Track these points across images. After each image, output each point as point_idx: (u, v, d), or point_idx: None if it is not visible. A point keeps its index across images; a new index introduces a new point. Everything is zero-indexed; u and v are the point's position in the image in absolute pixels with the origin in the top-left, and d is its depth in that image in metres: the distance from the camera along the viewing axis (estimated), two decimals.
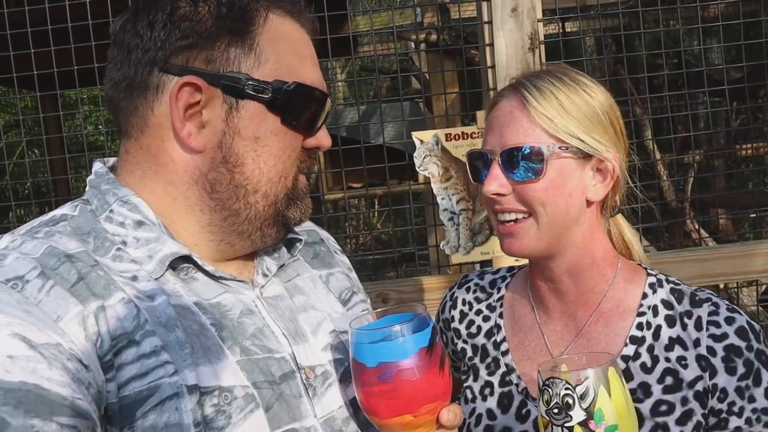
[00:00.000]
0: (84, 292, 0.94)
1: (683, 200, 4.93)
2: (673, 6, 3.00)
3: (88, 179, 1.11)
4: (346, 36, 3.34)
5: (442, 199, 2.37)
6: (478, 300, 1.54)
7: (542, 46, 2.36)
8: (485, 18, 2.35)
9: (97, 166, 1.12)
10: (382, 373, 1.02)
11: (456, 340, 1.53)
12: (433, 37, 4.35)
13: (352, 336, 1.06)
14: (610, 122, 1.34)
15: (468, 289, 1.57)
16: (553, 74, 1.34)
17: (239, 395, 0.98)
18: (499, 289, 1.53)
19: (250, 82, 1.03)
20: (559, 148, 1.28)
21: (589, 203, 1.34)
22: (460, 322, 1.54)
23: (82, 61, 2.61)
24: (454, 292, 1.60)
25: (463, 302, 1.56)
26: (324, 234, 1.40)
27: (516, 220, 1.31)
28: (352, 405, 1.13)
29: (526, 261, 1.46)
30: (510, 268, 1.58)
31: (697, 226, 4.49)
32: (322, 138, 1.14)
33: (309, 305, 1.19)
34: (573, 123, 1.29)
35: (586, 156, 1.31)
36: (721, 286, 4.06)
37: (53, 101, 4.12)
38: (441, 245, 2.41)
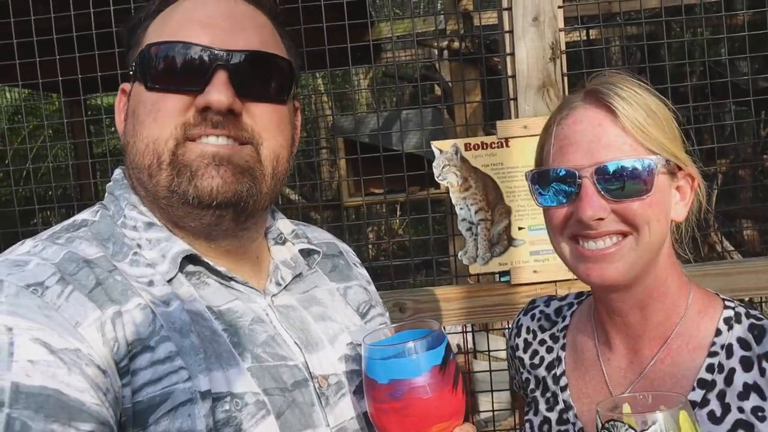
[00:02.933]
0: (102, 297, 0.95)
1: (708, 211, 4.84)
2: (698, 15, 2.96)
3: (107, 185, 1.14)
4: (368, 44, 3.34)
5: (461, 209, 2.35)
6: (543, 329, 1.44)
7: (564, 56, 2.34)
8: (506, 27, 2.34)
9: (117, 172, 1.16)
10: (393, 390, 1.01)
11: (521, 370, 1.44)
12: (456, 44, 4.34)
13: (365, 351, 1.06)
14: (679, 132, 1.23)
15: (533, 317, 1.47)
16: (625, 79, 1.22)
17: (250, 401, 0.99)
18: (564, 318, 1.42)
19: (132, 66, 1.10)
20: (666, 162, 1.17)
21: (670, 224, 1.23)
22: (524, 351, 1.44)
23: (106, 68, 2.64)
24: (519, 319, 1.49)
25: (527, 330, 1.46)
26: (343, 246, 1.39)
27: (611, 244, 1.17)
28: (365, 417, 1.13)
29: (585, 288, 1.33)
30: (579, 294, 1.46)
31: (720, 238, 4.42)
32: (207, 92, 1.02)
33: (327, 316, 1.19)
34: (662, 134, 1.18)
35: (672, 171, 1.20)
36: (745, 300, 3.99)
37: (79, 107, 4.17)
38: (459, 255, 2.39)
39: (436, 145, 2.32)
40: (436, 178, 2.32)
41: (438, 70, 5.62)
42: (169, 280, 1.03)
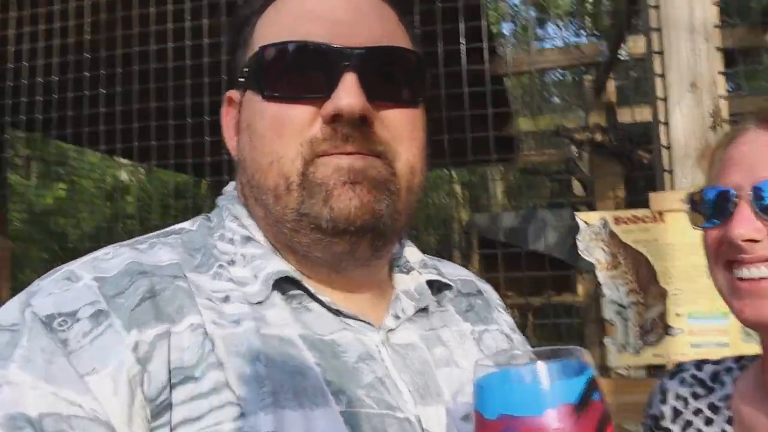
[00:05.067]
0: (144, 316, 0.80)
1: None
2: None
3: (217, 198, 1.05)
4: (509, 137, 3.28)
5: (609, 289, 2.12)
6: (696, 396, 1.24)
7: (725, 125, 2.13)
8: (659, 94, 2.17)
9: (231, 185, 1.05)
10: (504, 428, 0.74)
11: None
12: (599, 137, 4.19)
13: (475, 375, 0.79)
14: None
15: (682, 381, 1.27)
16: None
17: None
18: (723, 384, 1.23)
19: (242, 72, 0.96)
20: None
21: None
22: (673, 421, 1.24)
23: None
24: (663, 383, 1.30)
25: (677, 397, 1.26)
26: (483, 286, 1.18)
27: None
28: None
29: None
30: (738, 358, 1.27)
31: None
32: (336, 97, 0.87)
33: (452, 361, 0.98)
34: None
35: None
36: None
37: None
38: (605, 341, 2.14)
39: (581, 217, 2.14)
40: (580, 253, 2.12)
41: (580, 165, 5.45)
42: (259, 302, 0.87)
